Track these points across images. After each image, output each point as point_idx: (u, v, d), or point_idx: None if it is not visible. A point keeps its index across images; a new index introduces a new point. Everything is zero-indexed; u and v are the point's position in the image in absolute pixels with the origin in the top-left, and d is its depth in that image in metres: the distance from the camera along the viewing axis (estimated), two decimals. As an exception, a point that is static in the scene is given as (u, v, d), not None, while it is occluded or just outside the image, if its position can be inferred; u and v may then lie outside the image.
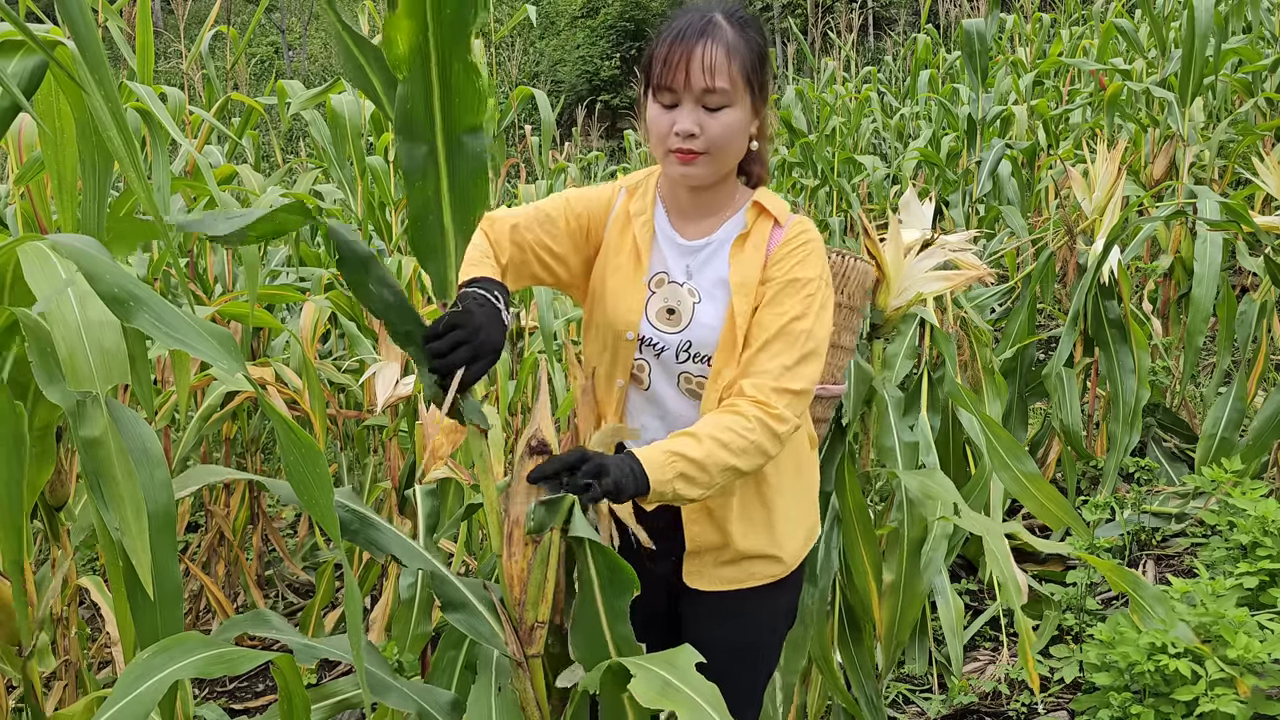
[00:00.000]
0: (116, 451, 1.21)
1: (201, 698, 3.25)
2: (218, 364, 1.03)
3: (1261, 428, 3.39)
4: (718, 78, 1.55)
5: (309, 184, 4.11)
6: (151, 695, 1.09)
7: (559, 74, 22.07)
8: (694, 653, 1.22)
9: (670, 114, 1.58)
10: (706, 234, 1.70)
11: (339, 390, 3.88)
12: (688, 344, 1.66)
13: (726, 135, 1.58)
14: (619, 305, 1.68)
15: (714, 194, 1.69)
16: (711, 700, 1.14)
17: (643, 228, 1.70)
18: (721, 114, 1.57)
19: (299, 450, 1.10)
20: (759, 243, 1.65)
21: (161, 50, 13.52)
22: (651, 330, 1.67)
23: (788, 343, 1.57)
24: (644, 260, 1.69)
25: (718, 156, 1.60)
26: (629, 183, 1.77)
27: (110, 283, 1.02)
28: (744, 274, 1.63)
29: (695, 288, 1.68)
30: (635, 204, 1.73)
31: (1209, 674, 2.25)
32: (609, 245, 1.72)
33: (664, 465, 1.44)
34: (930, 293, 2.20)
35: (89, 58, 0.99)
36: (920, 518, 2.26)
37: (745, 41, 1.58)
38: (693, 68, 1.54)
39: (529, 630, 1.34)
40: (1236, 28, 6.08)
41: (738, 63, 1.56)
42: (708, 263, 1.68)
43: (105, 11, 3.12)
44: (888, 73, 11.39)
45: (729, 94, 1.56)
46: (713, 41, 1.55)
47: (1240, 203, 3.88)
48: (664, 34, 1.60)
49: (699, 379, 1.67)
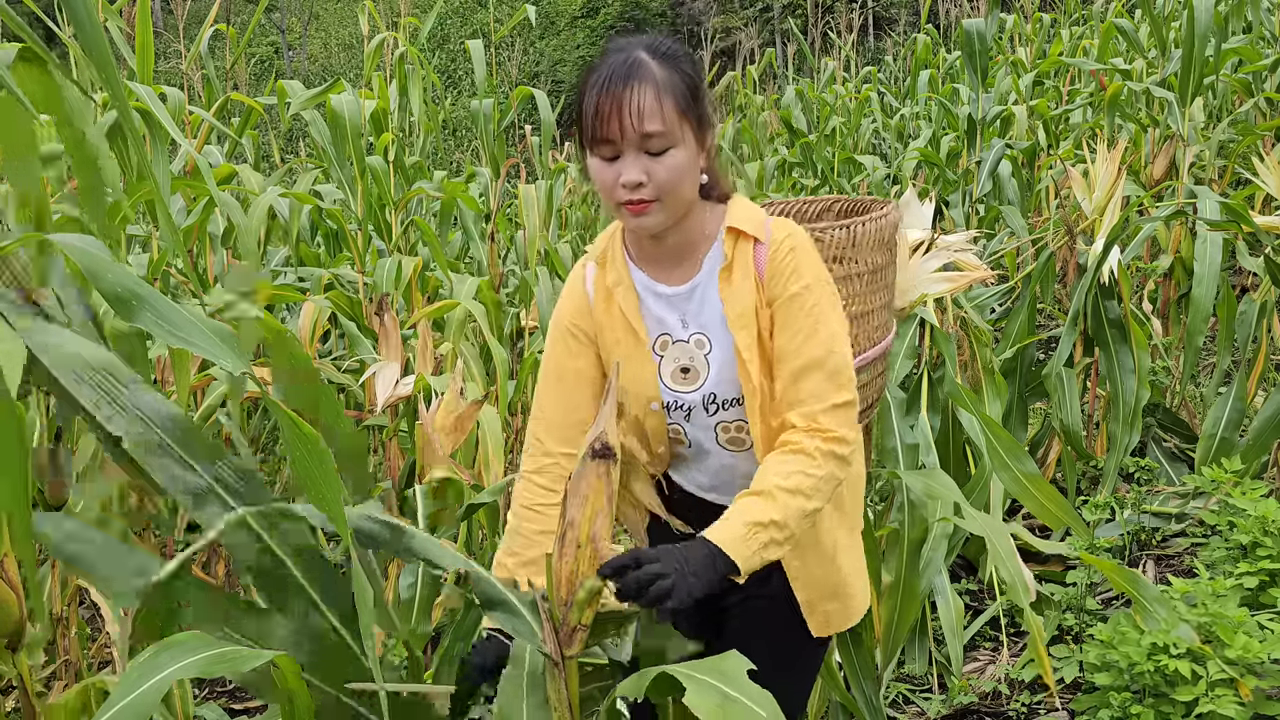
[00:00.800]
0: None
1: (202, 698, 3.25)
2: (221, 362, 1.02)
3: (1261, 428, 3.39)
4: (650, 122, 1.47)
5: (309, 184, 4.12)
6: (153, 695, 1.08)
7: (559, 74, 22.07)
8: (742, 659, 1.18)
9: (613, 166, 1.50)
10: (690, 277, 1.62)
11: (339, 390, 3.88)
12: (712, 395, 1.61)
13: (674, 178, 1.50)
14: (634, 381, 1.63)
15: (681, 234, 1.60)
16: (770, 711, 1.10)
17: (626, 296, 1.63)
18: (666, 157, 1.49)
19: (305, 447, 1.09)
20: (746, 270, 1.58)
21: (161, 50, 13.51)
22: (671, 394, 1.63)
23: (815, 361, 1.53)
24: (639, 329, 1.63)
25: (670, 201, 1.52)
26: (594, 255, 1.69)
27: (112, 282, 1.02)
28: (740, 306, 1.57)
29: (703, 336, 1.62)
30: (610, 275, 1.65)
31: (1210, 674, 2.25)
32: (600, 325, 1.66)
33: (746, 539, 1.40)
34: (933, 294, 2.20)
35: (95, 56, 0.99)
36: (921, 518, 2.26)
37: (676, 74, 1.51)
38: (625, 116, 1.46)
39: (570, 632, 1.34)
40: (1236, 28, 6.08)
41: (670, 102, 1.49)
42: (702, 306, 1.62)
43: (105, 11, 3.12)
44: (888, 73, 11.39)
45: (668, 135, 1.48)
46: (639, 84, 1.47)
47: (1240, 203, 3.88)
48: (589, 83, 1.52)
49: (736, 424, 1.62)
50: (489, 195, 5.32)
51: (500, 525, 2.72)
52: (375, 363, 2.84)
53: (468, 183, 6.07)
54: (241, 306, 1.18)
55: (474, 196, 5.07)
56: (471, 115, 4.63)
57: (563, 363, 1.66)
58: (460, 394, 2.33)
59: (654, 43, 1.55)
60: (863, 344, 1.94)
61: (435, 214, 5.09)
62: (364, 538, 1.38)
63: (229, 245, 3.90)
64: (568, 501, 1.36)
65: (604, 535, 1.36)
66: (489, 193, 5.33)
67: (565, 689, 1.35)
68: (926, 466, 2.33)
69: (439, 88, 6.22)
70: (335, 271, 4.04)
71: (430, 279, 4.39)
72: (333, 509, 1.12)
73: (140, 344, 2.11)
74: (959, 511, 1.98)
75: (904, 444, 2.28)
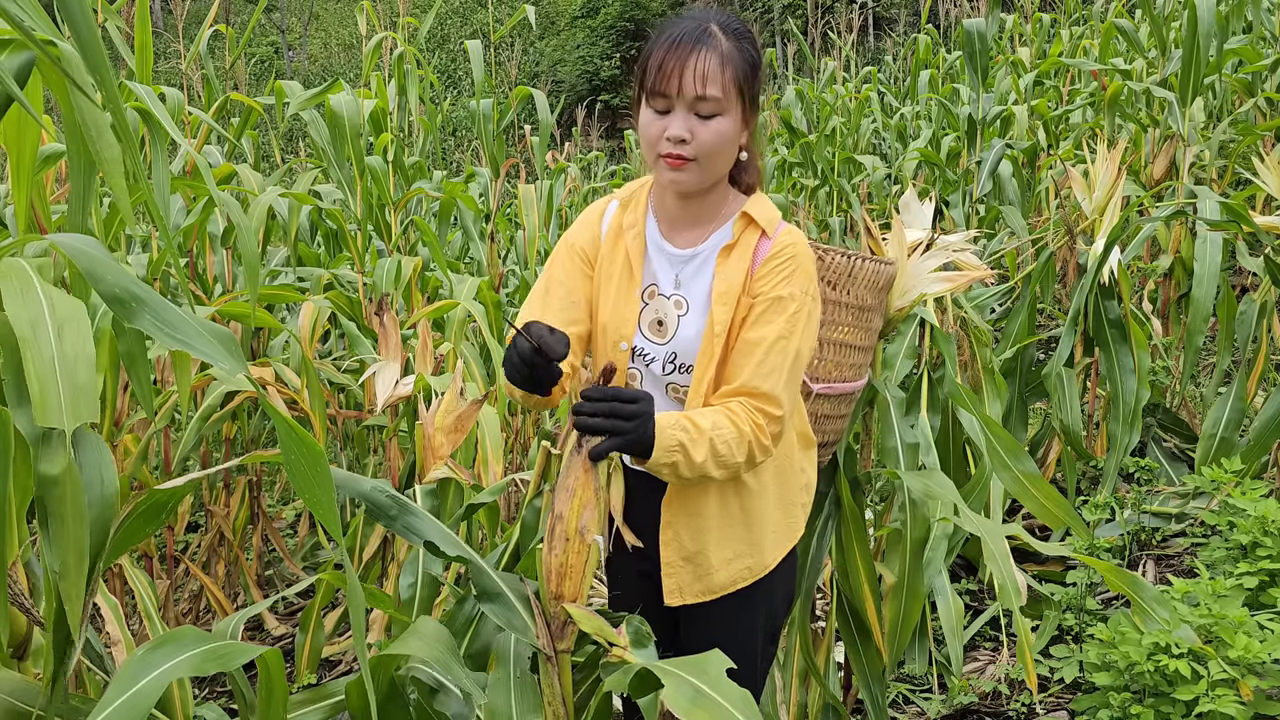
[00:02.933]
0: (72, 492, 1.18)
1: (202, 698, 3.25)
2: (219, 364, 1.02)
3: (1262, 428, 3.39)
4: (710, 86, 1.56)
5: (308, 184, 4.11)
6: (150, 693, 1.08)
7: (559, 74, 22.06)
8: (724, 659, 1.22)
9: (663, 120, 1.60)
10: (696, 244, 1.72)
11: (339, 390, 3.88)
12: (673, 355, 1.70)
13: (717, 142, 1.60)
14: (614, 316, 1.71)
15: (703, 203, 1.70)
16: (745, 709, 1.13)
17: (634, 240, 1.72)
18: (713, 122, 1.59)
19: (300, 450, 1.09)
20: (744, 254, 1.67)
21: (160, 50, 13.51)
22: (643, 341, 1.72)
23: (774, 362, 1.60)
24: (636, 273, 1.71)
25: (707, 163, 1.61)
26: (623, 194, 1.79)
27: (112, 283, 1.02)
28: (727, 283, 1.66)
29: (683, 299, 1.70)
30: (628, 216, 1.75)
31: (1211, 674, 2.25)
32: (603, 257, 1.75)
33: (671, 430, 1.51)
34: (933, 294, 2.20)
35: (90, 57, 0.99)
36: (923, 518, 2.26)
37: (740, 52, 1.60)
38: (686, 75, 1.56)
39: (561, 625, 1.35)
40: (1236, 28, 6.07)
41: (731, 73, 1.58)
42: (697, 274, 1.71)
43: (104, 11, 3.12)
44: (888, 73, 11.39)
45: (721, 102, 1.58)
46: (708, 50, 1.57)
47: (1240, 203, 3.88)
48: (660, 39, 1.61)
49: (684, 388, 1.71)
50: (489, 195, 5.32)
51: (501, 524, 2.72)
52: (375, 363, 2.84)
53: (467, 183, 6.07)
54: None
55: (474, 196, 5.07)
56: (471, 115, 4.62)
57: (556, 275, 1.75)
58: (460, 394, 2.33)
59: (726, 19, 1.64)
60: (833, 374, 1.99)
61: (435, 214, 5.08)
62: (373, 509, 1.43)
63: (229, 245, 3.89)
64: (556, 495, 1.38)
65: (592, 528, 1.37)
66: (489, 193, 5.33)
67: (558, 683, 1.35)
68: (926, 466, 2.32)
69: (438, 88, 6.22)
70: (335, 271, 4.04)
71: (430, 279, 4.39)
72: (326, 511, 1.12)
73: (140, 344, 2.12)
74: (958, 512, 1.98)
75: (904, 444, 2.28)
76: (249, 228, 2.70)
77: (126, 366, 2.14)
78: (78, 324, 1.14)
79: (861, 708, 2.42)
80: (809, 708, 2.42)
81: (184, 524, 3.72)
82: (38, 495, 1.17)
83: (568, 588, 1.35)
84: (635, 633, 1.35)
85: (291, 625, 3.72)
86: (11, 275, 1.18)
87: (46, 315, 1.12)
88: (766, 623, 1.83)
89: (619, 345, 1.71)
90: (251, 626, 3.70)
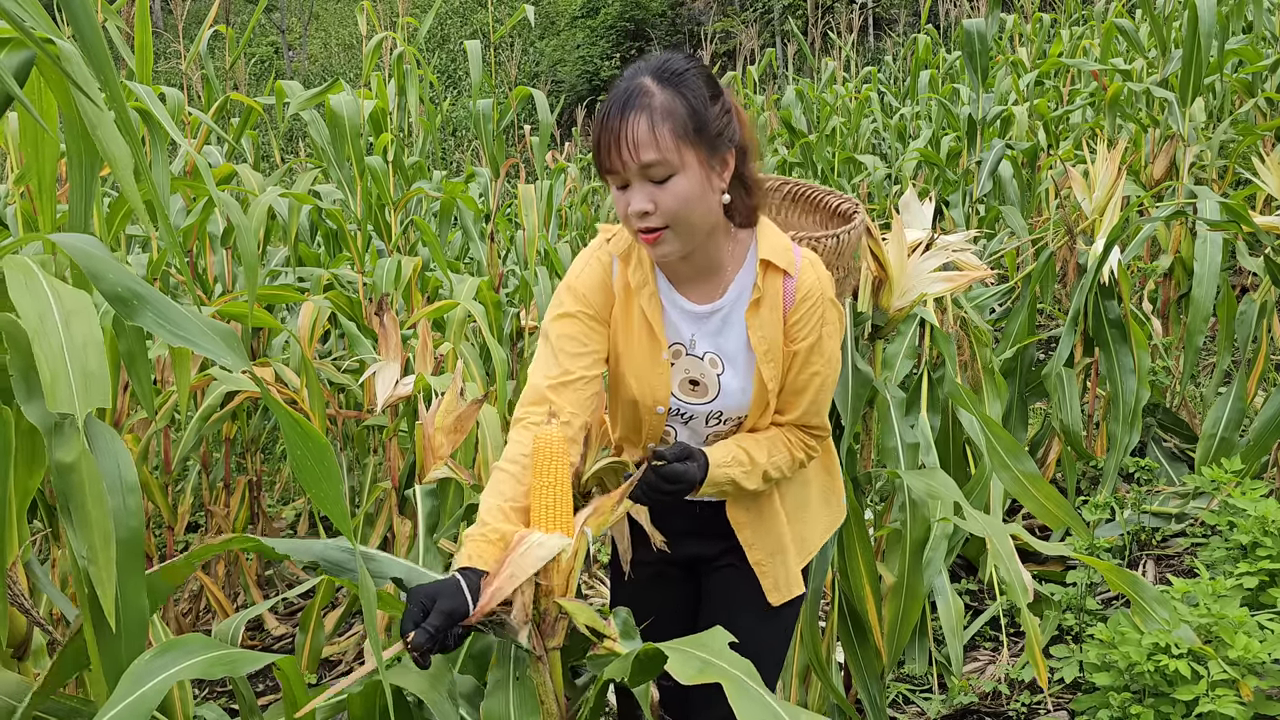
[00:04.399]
0: (89, 477, 1.19)
1: (201, 698, 3.25)
2: (221, 360, 1.02)
3: (1262, 428, 3.39)
4: (647, 152, 1.47)
5: (308, 184, 4.11)
6: (153, 696, 1.09)
7: (559, 74, 22.05)
8: (725, 634, 1.23)
9: (625, 195, 1.52)
10: (715, 298, 1.65)
11: (339, 390, 3.87)
12: (719, 413, 1.69)
13: (682, 205, 1.50)
14: (644, 384, 1.65)
15: (705, 254, 1.61)
16: (749, 673, 1.16)
17: (649, 301, 1.64)
18: (670, 184, 1.49)
19: (306, 444, 1.10)
20: (774, 304, 1.62)
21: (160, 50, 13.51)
22: (679, 402, 1.68)
23: (823, 399, 1.70)
24: (659, 335, 1.64)
25: (682, 228, 1.52)
26: (618, 250, 1.66)
27: (113, 281, 1.02)
28: (768, 340, 1.63)
29: (717, 357, 1.65)
30: (634, 275, 1.64)
31: (1211, 674, 2.25)
32: (617, 319, 1.66)
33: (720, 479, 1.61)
34: (933, 294, 2.20)
35: (93, 56, 0.99)
36: (923, 518, 2.26)
37: (678, 99, 1.49)
38: (621, 149, 1.47)
39: (551, 622, 1.34)
40: (1236, 28, 6.07)
41: (669, 127, 1.47)
42: (723, 329, 1.65)
43: (104, 11, 3.12)
44: (888, 73, 11.39)
45: (669, 163, 1.48)
46: (635, 114, 1.47)
47: (1240, 203, 3.87)
48: (597, 115, 1.54)
49: (728, 432, 1.73)
50: (488, 195, 5.32)
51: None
52: (375, 363, 2.84)
53: (467, 183, 6.07)
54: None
55: (473, 197, 5.07)
56: (471, 115, 4.62)
57: (567, 333, 1.63)
58: (460, 394, 2.33)
59: (663, 65, 1.53)
60: None
61: (435, 214, 5.08)
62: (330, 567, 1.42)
63: (229, 245, 3.89)
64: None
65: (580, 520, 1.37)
66: (488, 193, 5.33)
67: (550, 681, 1.34)
68: (926, 466, 2.32)
69: (438, 88, 6.22)
70: (335, 271, 4.04)
71: (430, 279, 4.39)
72: (333, 507, 1.12)
73: (140, 344, 2.11)
74: (959, 511, 1.98)
75: (904, 444, 2.28)
76: (249, 228, 2.70)
77: (126, 366, 2.13)
78: (85, 315, 1.14)
79: (860, 708, 2.42)
80: (809, 708, 2.42)
81: (184, 524, 3.72)
82: (57, 486, 1.17)
83: (556, 581, 1.32)
84: (623, 624, 1.36)
85: (291, 625, 3.72)
86: (16, 270, 1.19)
87: (53, 307, 1.13)
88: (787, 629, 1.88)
89: (655, 410, 1.67)
90: (251, 627, 3.70)
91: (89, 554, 1.18)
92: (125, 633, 1.24)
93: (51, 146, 1.54)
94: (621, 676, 1.25)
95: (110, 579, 1.18)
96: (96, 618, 1.22)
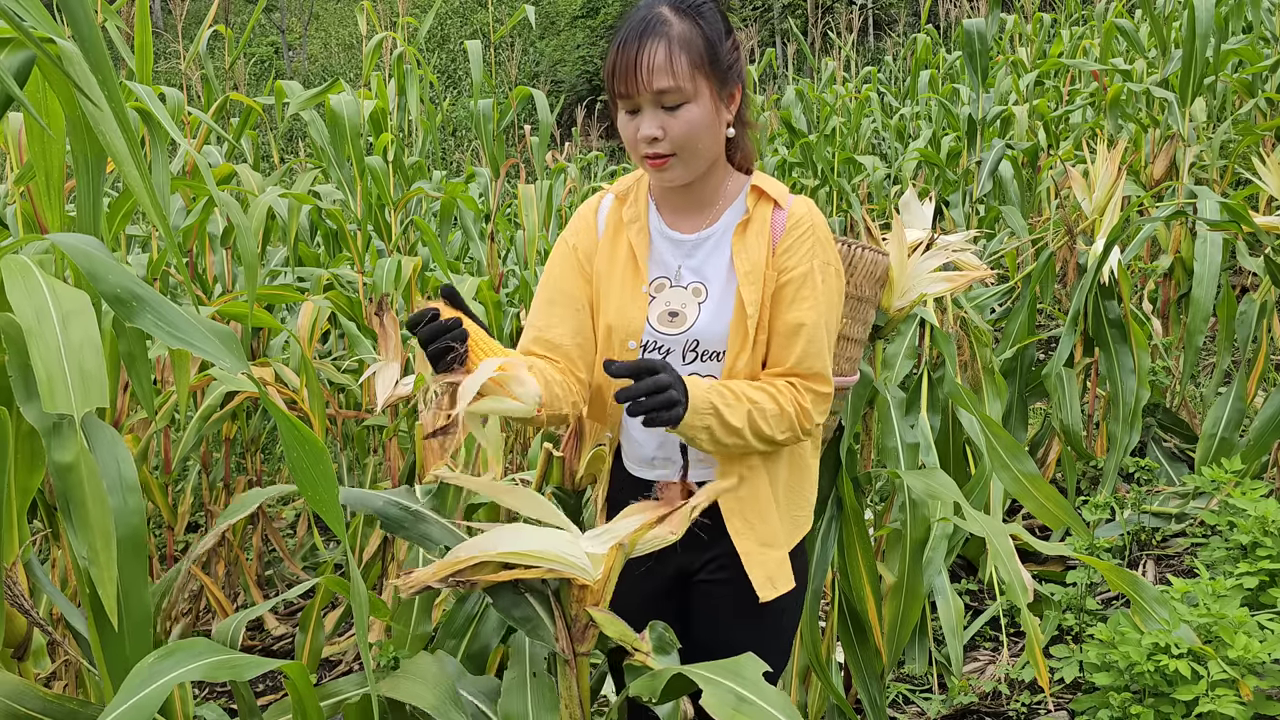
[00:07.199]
0: (89, 476, 1.19)
1: (201, 698, 3.25)
2: (220, 362, 1.02)
3: (1262, 428, 3.39)
4: (660, 79, 1.51)
5: (308, 184, 4.11)
6: (156, 698, 1.08)
7: (559, 74, 22.06)
8: (759, 662, 1.20)
9: (634, 120, 1.56)
10: (703, 226, 1.67)
11: (339, 390, 3.88)
12: (694, 343, 1.64)
13: (691, 133, 1.54)
14: (621, 315, 1.66)
15: (704, 187, 1.66)
16: (787, 712, 1.12)
17: (638, 234, 1.68)
18: (681, 112, 1.53)
19: (303, 447, 1.09)
20: (761, 228, 1.63)
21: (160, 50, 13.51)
22: (655, 334, 1.65)
23: (821, 342, 1.60)
24: (642, 268, 1.67)
25: (687, 155, 1.57)
26: (618, 188, 1.73)
27: (113, 283, 1.02)
28: (751, 261, 1.61)
29: (701, 285, 1.65)
30: (628, 210, 1.70)
31: (1210, 674, 2.25)
32: (602, 253, 1.70)
33: (708, 395, 1.49)
34: (933, 294, 2.19)
35: (91, 56, 0.99)
36: (923, 518, 2.26)
37: (695, 30, 1.54)
38: (639, 73, 1.51)
39: (583, 628, 1.33)
40: (1236, 28, 6.07)
41: (685, 57, 1.52)
42: (711, 255, 1.66)
43: (104, 11, 3.12)
44: (888, 73, 11.39)
45: (683, 90, 1.52)
46: (654, 41, 1.51)
47: (1240, 203, 3.88)
48: (613, 40, 1.57)
49: (708, 378, 1.63)
50: (489, 195, 5.32)
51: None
52: (375, 363, 2.84)
53: (467, 183, 6.07)
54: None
55: (474, 197, 5.08)
56: (471, 115, 4.62)
57: (559, 285, 1.70)
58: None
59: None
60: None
61: (435, 214, 5.09)
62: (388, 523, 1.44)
63: (228, 245, 3.89)
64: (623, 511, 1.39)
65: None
66: (489, 193, 5.33)
67: (576, 686, 1.34)
68: (926, 466, 2.32)
69: (438, 88, 6.22)
70: (335, 271, 4.04)
71: (430, 279, 4.39)
72: (329, 508, 1.11)
73: (140, 344, 2.11)
74: (959, 511, 1.97)
75: (904, 444, 2.28)
76: (248, 228, 2.69)
77: (126, 366, 2.13)
78: (83, 315, 1.14)
79: (860, 708, 2.42)
80: (809, 708, 2.42)
81: (184, 524, 3.72)
82: (56, 486, 1.17)
83: (591, 591, 1.33)
84: (659, 639, 1.33)
85: (291, 625, 3.72)
86: (14, 270, 1.19)
87: (51, 306, 1.12)
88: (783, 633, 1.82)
89: (627, 345, 1.66)
90: (251, 626, 3.70)
91: (89, 554, 1.18)
92: (129, 632, 1.24)
93: (58, 146, 1.54)
94: (649, 696, 1.23)
95: (111, 579, 1.18)
96: (99, 618, 1.22)
